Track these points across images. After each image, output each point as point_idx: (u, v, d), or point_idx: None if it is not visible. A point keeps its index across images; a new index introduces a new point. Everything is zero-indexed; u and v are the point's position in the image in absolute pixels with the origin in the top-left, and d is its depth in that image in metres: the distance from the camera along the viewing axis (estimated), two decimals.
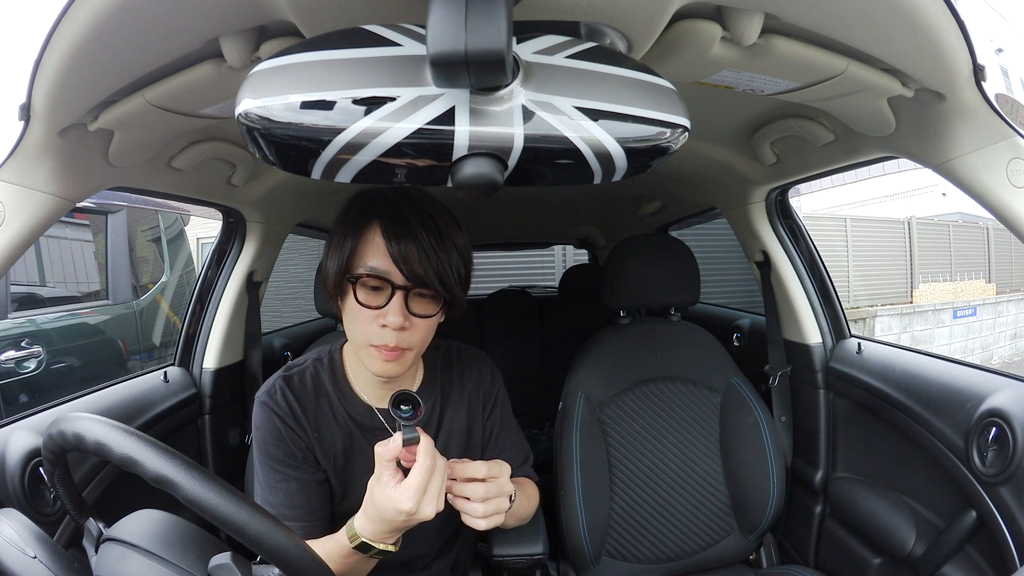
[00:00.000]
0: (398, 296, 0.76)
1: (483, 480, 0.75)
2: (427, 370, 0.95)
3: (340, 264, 0.77)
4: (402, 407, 0.69)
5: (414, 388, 0.93)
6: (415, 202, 0.78)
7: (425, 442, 0.69)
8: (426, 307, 0.79)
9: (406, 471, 0.70)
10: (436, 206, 0.79)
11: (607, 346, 1.36)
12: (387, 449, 0.69)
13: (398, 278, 0.75)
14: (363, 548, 0.72)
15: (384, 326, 0.76)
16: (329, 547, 0.76)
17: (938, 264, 8.85)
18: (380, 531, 0.71)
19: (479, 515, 0.74)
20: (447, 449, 0.94)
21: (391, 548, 0.73)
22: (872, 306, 7.65)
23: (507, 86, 0.44)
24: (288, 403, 0.84)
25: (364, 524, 0.72)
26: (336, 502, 0.89)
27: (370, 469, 0.88)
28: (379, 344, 0.77)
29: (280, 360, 1.81)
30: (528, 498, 0.95)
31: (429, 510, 0.68)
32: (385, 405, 0.89)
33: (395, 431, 0.91)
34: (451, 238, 0.78)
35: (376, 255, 0.75)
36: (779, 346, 1.46)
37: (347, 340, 0.92)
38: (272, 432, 0.84)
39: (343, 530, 0.75)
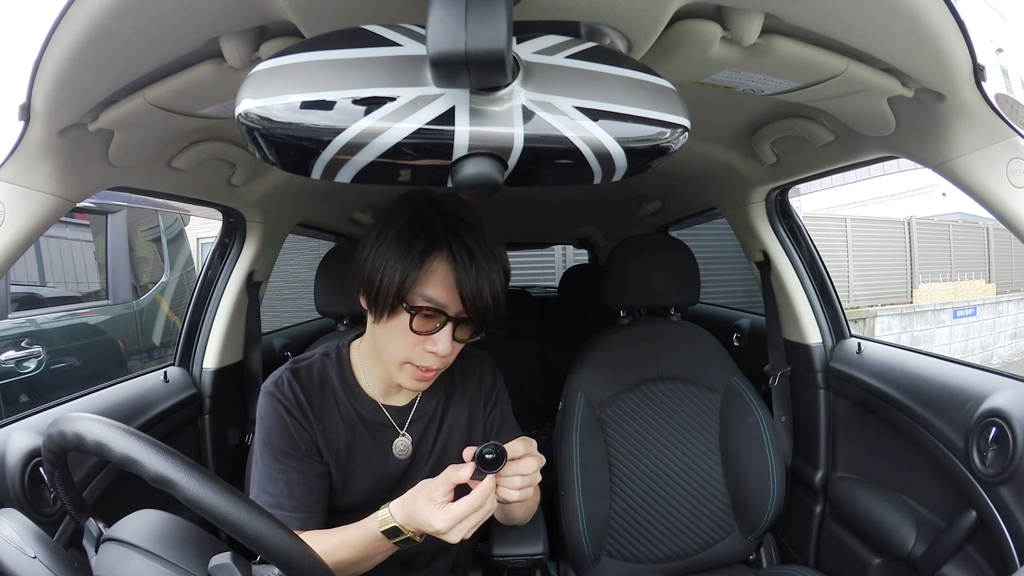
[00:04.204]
0: (449, 326, 0.78)
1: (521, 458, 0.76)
2: None
3: (398, 288, 0.75)
4: (486, 455, 0.73)
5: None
6: (472, 228, 0.78)
7: (487, 483, 0.72)
8: (469, 333, 0.81)
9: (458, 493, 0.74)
10: (482, 226, 0.80)
11: (607, 346, 1.36)
12: (457, 475, 0.73)
13: (453, 311, 0.77)
14: (392, 533, 0.76)
15: (431, 352, 0.78)
16: (354, 532, 0.79)
17: (938, 264, 8.84)
18: (407, 525, 0.76)
19: (516, 487, 0.75)
20: (448, 447, 0.94)
21: (417, 539, 0.77)
22: (872, 306, 7.64)
23: (507, 86, 0.44)
24: (295, 394, 0.85)
25: (399, 512, 0.76)
26: (337, 496, 0.90)
27: (372, 464, 0.90)
28: (420, 365, 0.80)
29: (280, 360, 1.81)
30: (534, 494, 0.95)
31: (455, 537, 0.72)
32: (391, 402, 0.91)
33: (402, 428, 0.93)
34: (500, 260, 0.79)
35: (437, 286, 0.76)
36: (779, 346, 1.46)
37: (354, 337, 0.94)
38: (277, 422, 0.84)
39: (374, 515, 0.79)
